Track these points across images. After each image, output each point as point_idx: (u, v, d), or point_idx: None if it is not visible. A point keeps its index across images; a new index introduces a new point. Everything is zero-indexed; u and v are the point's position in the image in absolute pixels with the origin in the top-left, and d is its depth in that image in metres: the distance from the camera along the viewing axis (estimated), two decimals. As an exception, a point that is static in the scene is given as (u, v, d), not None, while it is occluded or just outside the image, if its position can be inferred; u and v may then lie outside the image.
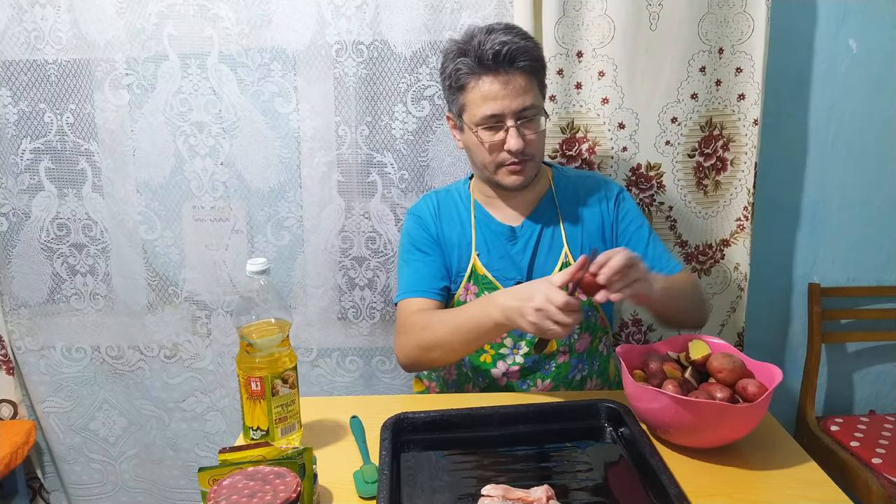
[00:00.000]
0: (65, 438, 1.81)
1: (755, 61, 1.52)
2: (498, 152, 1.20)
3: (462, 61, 1.16)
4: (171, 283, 1.70)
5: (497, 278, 1.27)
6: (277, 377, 0.99)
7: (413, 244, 1.33)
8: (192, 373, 1.75)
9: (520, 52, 1.15)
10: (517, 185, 1.23)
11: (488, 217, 1.31)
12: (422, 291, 1.28)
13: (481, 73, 1.16)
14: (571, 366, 1.29)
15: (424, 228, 1.33)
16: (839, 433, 1.64)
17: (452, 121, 1.28)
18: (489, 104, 1.16)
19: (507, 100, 1.15)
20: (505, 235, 1.29)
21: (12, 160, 1.64)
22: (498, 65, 1.14)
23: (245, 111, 1.58)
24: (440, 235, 1.32)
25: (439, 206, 1.34)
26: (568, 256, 1.27)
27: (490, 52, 1.13)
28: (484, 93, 1.16)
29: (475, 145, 1.21)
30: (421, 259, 1.31)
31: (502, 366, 1.28)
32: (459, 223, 1.32)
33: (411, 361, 1.24)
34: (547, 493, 0.87)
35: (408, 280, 1.31)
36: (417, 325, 1.21)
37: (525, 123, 1.18)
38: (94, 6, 1.52)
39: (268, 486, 0.75)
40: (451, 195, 1.36)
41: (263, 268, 0.99)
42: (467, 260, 1.29)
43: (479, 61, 1.15)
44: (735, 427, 0.98)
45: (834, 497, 0.91)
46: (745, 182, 1.59)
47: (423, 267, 1.30)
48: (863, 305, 1.79)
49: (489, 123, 1.18)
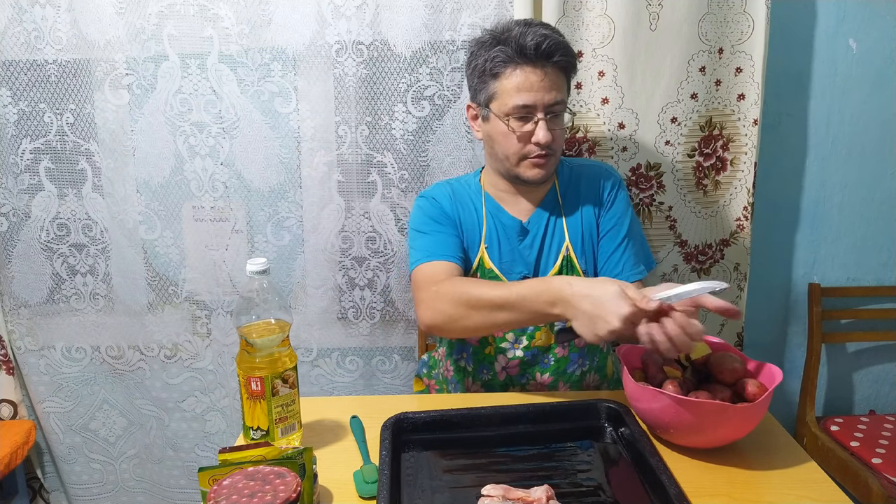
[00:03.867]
0: (65, 438, 1.81)
1: (755, 61, 1.52)
2: (525, 144, 1.20)
3: (501, 49, 1.16)
4: (171, 283, 1.70)
5: (503, 272, 1.27)
6: (277, 377, 0.99)
7: (431, 218, 1.28)
8: (192, 373, 1.75)
9: (558, 48, 1.16)
10: (538, 178, 1.23)
11: (500, 210, 1.31)
12: (447, 256, 1.22)
13: (520, 62, 1.16)
14: (571, 360, 1.29)
15: (440, 207, 1.30)
16: (839, 433, 1.64)
17: (475, 110, 1.27)
18: (523, 95, 1.16)
19: (542, 92, 1.16)
20: (516, 230, 1.29)
21: (12, 160, 1.64)
22: (537, 57, 1.15)
23: (245, 111, 1.58)
24: (458, 218, 1.30)
25: (454, 192, 1.33)
26: (569, 250, 1.27)
27: (532, 42, 1.14)
28: (519, 82, 1.16)
29: (501, 135, 1.21)
30: (441, 230, 1.27)
31: (502, 359, 1.29)
32: (474, 212, 1.31)
33: (445, 319, 1.14)
34: (547, 493, 0.87)
35: (429, 245, 1.24)
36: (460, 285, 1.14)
37: (552, 118, 1.19)
38: (94, 6, 1.52)
39: (268, 486, 0.75)
40: (463, 185, 1.35)
41: (263, 268, 0.99)
42: (476, 251, 1.29)
43: (520, 51, 1.15)
44: (735, 427, 0.98)
45: (834, 497, 0.91)
46: (744, 182, 1.59)
47: (443, 237, 1.26)
48: (863, 305, 1.79)
49: (520, 114, 1.18)
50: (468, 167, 1.60)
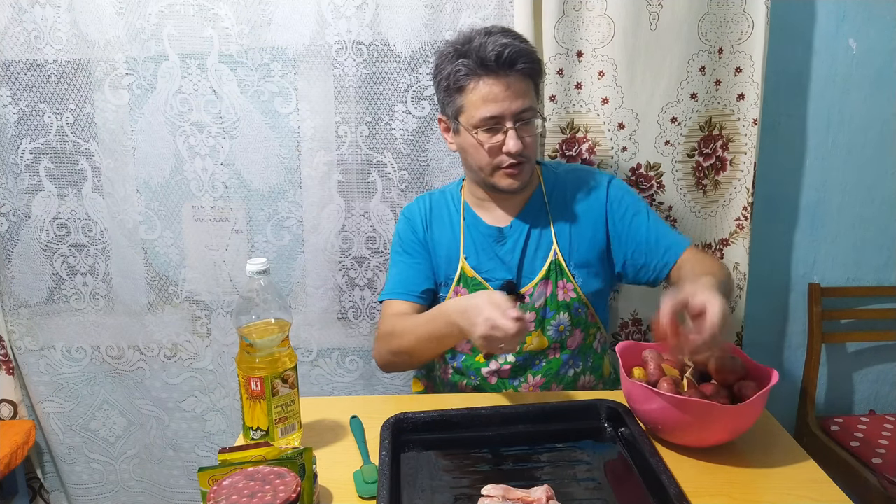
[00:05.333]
0: (65, 438, 1.81)
1: (755, 61, 1.52)
2: (496, 154, 1.20)
3: (462, 62, 1.16)
4: (171, 283, 1.70)
5: (486, 279, 1.28)
6: (277, 377, 0.99)
7: (401, 245, 1.36)
8: (192, 373, 1.75)
9: (520, 55, 1.15)
10: (514, 187, 1.23)
11: (477, 219, 1.32)
12: (402, 294, 1.31)
13: (482, 74, 1.15)
14: (563, 361, 1.29)
15: (413, 231, 1.34)
16: (839, 433, 1.64)
17: (445, 123, 1.28)
18: (489, 106, 1.16)
19: (508, 101, 1.16)
20: (493, 237, 1.30)
21: (12, 160, 1.64)
22: (499, 67, 1.14)
23: (245, 111, 1.58)
24: (428, 239, 1.33)
25: (431, 208, 1.35)
26: (557, 254, 1.27)
27: (492, 53, 1.13)
28: (484, 94, 1.16)
29: (472, 147, 1.21)
30: (406, 261, 1.33)
31: (494, 365, 1.29)
32: (450, 226, 1.33)
33: (384, 363, 1.30)
34: (547, 493, 0.87)
35: (391, 281, 1.34)
36: (388, 331, 1.26)
37: (522, 126, 1.18)
38: (94, 6, 1.52)
39: (268, 486, 0.75)
40: (445, 197, 1.37)
41: (263, 268, 0.99)
42: (456, 263, 1.30)
43: (480, 63, 1.15)
44: (728, 427, 0.98)
45: (834, 497, 0.91)
46: (744, 182, 1.59)
47: (406, 269, 1.33)
48: (863, 305, 1.79)
49: (488, 125, 1.18)
50: (466, 168, 1.60)
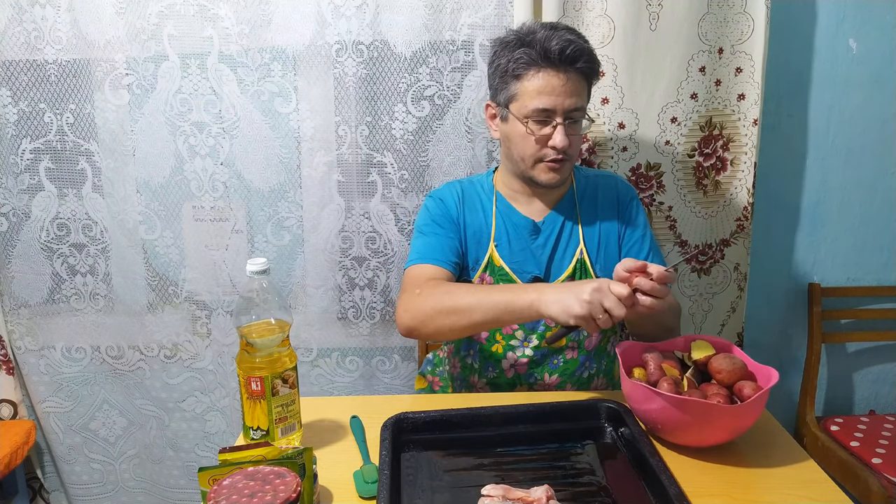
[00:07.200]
0: (65, 438, 1.81)
1: (755, 61, 1.52)
2: (542, 147, 1.20)
3: (524, 51, 1.16)
4: (171, 283, 1.70)
5: (514, 271, 1.28)
6: (277, 377, 0.99)
7: (433, 219, 1.31)
8: (192, 373, 1.75)
9: (583, 53, 1.16)
10: (553, 182, 1.23)
11: (511, 209, 1.31)
12: (437, 260, 1.25)
13: (543, 65, 1.16)
14: (580, 362, 1.29)
15: (446, 207, 1.32)
16: (839, 433, 1.64)
17: (494, 110, 1.27)
18: (543, 98, 1.16)
19: (563, 97, 1.16)
20: (528, 229, 1.29)
21: (12, 160, 1.64)
22: (561, 61, 1.15)
23: (245, 111, 1.58)
24: (461, 221, 1.31)
25: (463, 193, 1.34)
26: (583, 254, 1.28)
27: (557, 47, 1.14)
28: (540, 86, 1.16)
29: (519, 136, 1.21)
30: (439, 233, 1.30)
31: (511, 357, 1.29)
32: (482, 212, 1.32)
33: (418, 323, 1.17)
34: (547, 493, 0.87)
35: (423, 248, 1.28)
36: (438, 290, 1.17)
37: (571, 124, 1.19)
38: (94, 6, 1.52)
39: (268, 486, 0.75)
40: (475, 186, 1.36)
41: (263, 268, 0.99)
42: (486, 249, 1.29)
43: (543, 54, 1.15)
44: (727, 427, 0.98)
45: (834, 497, 0.91)
46: (744, 182, 1.59)
47: (440, 240, 1.29)
48: (863, 305, 1.79)
49: (539, 117, 1.18)
50: (468, 167, 1.60)
